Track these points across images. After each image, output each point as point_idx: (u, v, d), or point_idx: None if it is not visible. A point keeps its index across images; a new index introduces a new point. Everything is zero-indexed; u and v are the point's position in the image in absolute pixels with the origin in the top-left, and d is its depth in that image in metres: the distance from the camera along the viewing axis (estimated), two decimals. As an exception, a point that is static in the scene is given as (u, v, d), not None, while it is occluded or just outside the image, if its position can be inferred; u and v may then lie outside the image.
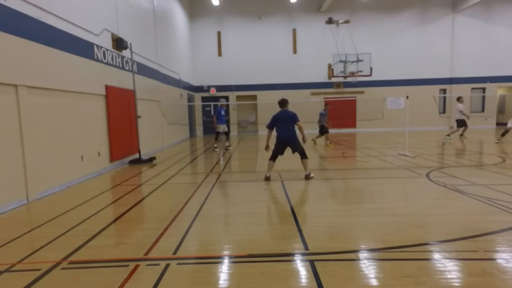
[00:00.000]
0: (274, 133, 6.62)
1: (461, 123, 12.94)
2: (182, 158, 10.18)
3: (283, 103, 6.76)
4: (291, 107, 6.84)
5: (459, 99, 12.99)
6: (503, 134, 11.68)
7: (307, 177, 6.41)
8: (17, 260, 3.07)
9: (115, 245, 3.47)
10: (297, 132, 6.52)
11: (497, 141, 11.63)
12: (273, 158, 6.58)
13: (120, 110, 8.76)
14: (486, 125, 19.45)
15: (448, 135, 13.35)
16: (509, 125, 11.53)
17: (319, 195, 5.41)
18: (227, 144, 12.18)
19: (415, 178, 6.23)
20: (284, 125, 6.52)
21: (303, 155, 6.53)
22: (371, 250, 3.11)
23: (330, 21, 18.83)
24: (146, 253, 3.15)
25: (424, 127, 18.03)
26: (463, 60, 19.21)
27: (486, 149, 10.51)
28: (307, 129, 6.66)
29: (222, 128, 11.49)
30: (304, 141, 6.49)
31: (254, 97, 19.05)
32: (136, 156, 9.39)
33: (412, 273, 2.63)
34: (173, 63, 14.72)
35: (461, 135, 13.59)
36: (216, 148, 11.85)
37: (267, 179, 6.41)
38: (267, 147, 6.65)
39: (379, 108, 16.29)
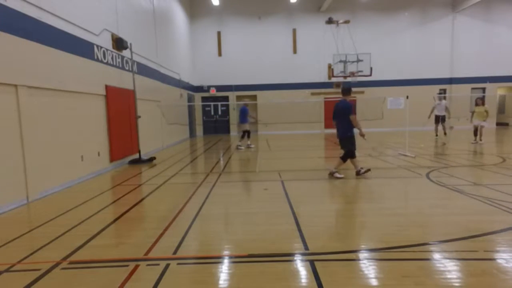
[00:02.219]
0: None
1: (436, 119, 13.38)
2: (182, 158, 10.18)
3: (343, 91, 6.27)
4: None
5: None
6: (475, 134, 11.56)
7: (332, 174, 6.36)
8: (17, 260, 3.07)
9: (115, 245, 3.47)
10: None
11: (473, 142, 11.45)
12: (350, 155, 6.33)
13: (120, 110, 8.75)
14: (486, 125, 19.42)
15: (444, 133, 13.56)
16: (475, 123, 11.44)
17: (319, 195, 5.41)
18: (239, 143, 12.23)
19: (415, 178, 6.22)
20: (338, 119, 6.18)
21: (344, 156, 6.29)
22: (371, 250, 3.11)
23: (330, 21, 18.82)
24: (146, 253, 3.15)
25: (424, 127, 18.03)
26: (463, 60, 19.22)
27: (486, 149, 10.50)
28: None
29: (246, 127, 11.92)
30: (361, 135, 6.15)
31: (254, 97, 19.06)
32: (136, 156, 9.39)
33: (412, 273, 2.63)
34: (173, 63, 14.73)
35: (445, 133, 13.64)
36: (250, 145, 12.07)
37: (357, 173, 6.33)
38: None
39: (379, 108, 16.30)
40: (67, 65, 6.47)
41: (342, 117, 6.10)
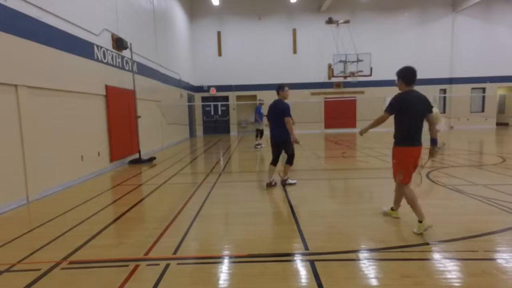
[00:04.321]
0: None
1: None
2: (182, 158, 10.18)
3: (277, 89, 5.70)
4: (290, 107, 6.02)
5: None
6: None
7: (284, 182, 5.79)
8: (17, 260, 3.07)
9: (115, 245, 3.47)
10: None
11: (442, 144, 10.34)
12: (273, 161, 5.80)
13: (120, 110, 8.75)
14: (486, 125, 19.46)
15: None
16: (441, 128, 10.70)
17: (319, 195, 5.41)
18: (257, 142, 12.20)
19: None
20: (273, 121, 5.61)
21: (289, 160, 5.73)
22: (371, 250, 3.11)
23: (330, 21, 18.83)
24: (146, 253, 3.15)
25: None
26: (463, 60, 19.22)
27: (486, 149, 10.50)
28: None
29: (261, 126, 12.03)
30: (294, 141, 5.50)
31: (254, 97, 19.05)
32: (136, 156, 9.39)
33: (412, 273, 2.63)
34: (173, 63, 14.73)
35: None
36: (258, 145, 12.03)
37: (268, 185, 5.75)
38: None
39: (379, 108, 16.28)
40: (67, 65, 6.47)
41: (278, 119, 5.51)
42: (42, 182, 5.61)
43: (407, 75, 3.79)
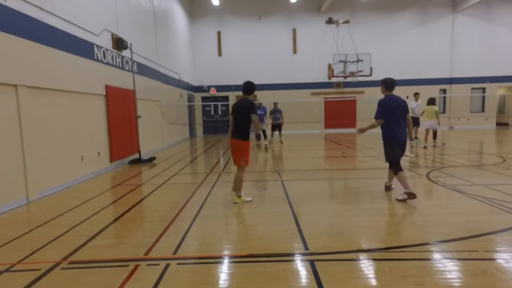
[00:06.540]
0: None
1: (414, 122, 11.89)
2: (182, 158, 10.18)
3: (389, 84, 5.28)
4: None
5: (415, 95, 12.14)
6: (434, 137, 10.64)
7: (410, 195, 4.72)
8: (17, 260, 3.07)
9: (115, 245, 3.47)
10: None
11: (434, 145, 10.59)
12: (398, 165, 5.01)
13: (120, 110, 8.75)
14: (486, 125, 19.46)
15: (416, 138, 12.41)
16: (430, 127, 10.61)
17: (319, 195, 5.41)
18: (258, 142, 12.09)
19: (415, 178, 6.22)
20: (396, 118, 4.99)
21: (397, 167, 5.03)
22: (371, 250, 3.11)
23: (330, 21, 18.82)
24: (146, 253, 3.15)
25: (424, 127, 18.02)
26: (463, 60, 19.21)
27: (486, 149, 10.50)
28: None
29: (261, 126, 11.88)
30: (410, 138, 5.14)
31: (253, 97, 19.03)
32: (136, 156, 9.39)
33: (412, 273, 2.63)
34: (173, 63, 14.72)
35: (415, 137, 12.36)
36: (266, 146, 11.90)
37: (387, 188, 5.38)
38: (362, 131, 5.39)
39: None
40: (67, 65, 6.47)
41: (402, 116, 5.05)
42: (42, 182, 5.61)
43: (243, 87, 5.01)
